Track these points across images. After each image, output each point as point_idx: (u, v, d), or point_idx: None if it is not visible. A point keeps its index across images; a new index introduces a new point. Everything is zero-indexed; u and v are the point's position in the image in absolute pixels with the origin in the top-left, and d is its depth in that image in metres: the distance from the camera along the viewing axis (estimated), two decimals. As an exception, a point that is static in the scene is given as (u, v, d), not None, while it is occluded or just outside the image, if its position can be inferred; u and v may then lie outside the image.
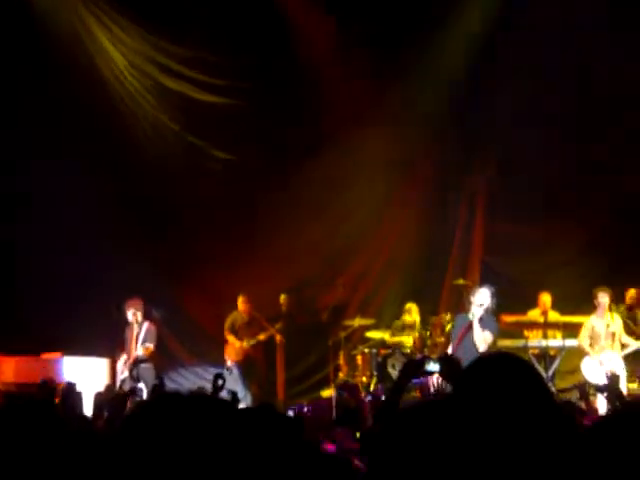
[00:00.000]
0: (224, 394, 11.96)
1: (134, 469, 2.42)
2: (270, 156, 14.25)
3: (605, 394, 7.44)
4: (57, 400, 7.63)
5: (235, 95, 14.16)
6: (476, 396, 2.35)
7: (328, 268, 14.90)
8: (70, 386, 6.18)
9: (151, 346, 11.99)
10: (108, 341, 12.42)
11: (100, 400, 8.06)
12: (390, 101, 14.35)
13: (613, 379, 9.77)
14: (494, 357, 2.52)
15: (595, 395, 10.15)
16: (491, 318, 9.57)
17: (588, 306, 12.19)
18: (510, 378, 2.36)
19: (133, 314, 12.05)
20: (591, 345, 11.77)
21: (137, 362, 11.86)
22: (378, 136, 14.34)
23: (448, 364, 4.12)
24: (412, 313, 13.28)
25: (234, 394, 6.70)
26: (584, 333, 11.87)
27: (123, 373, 11.93)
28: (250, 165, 14.27)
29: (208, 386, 7.64)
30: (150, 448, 2.43)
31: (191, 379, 13.94)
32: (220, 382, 6.42)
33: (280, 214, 14.50)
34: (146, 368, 11.91)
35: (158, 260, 14.18)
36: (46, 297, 13.15)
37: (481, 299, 9.48)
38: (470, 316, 9.51)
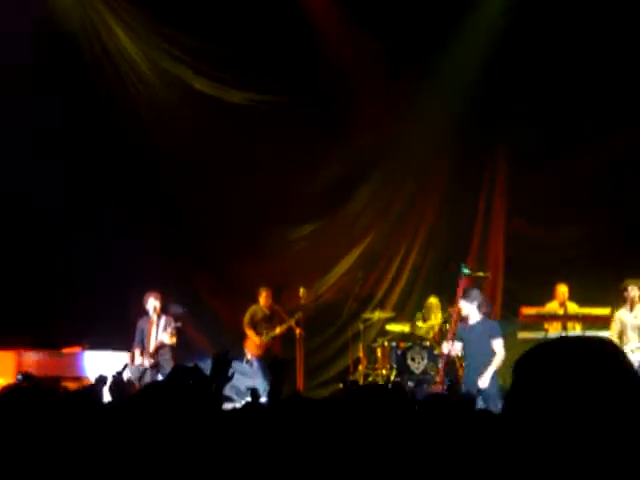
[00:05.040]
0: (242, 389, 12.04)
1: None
2: (293, 152, 14.24)
3: None
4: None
5: (266, 93, 14.22)
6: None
7: (348, 261, 14.93)
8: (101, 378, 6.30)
9: (174, 332, 12.06)
10: (128, 335, 12.48)
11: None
12: (407, 102, 14.37)
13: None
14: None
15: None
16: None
17: (602, 298, 12.21)
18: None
19: (153, 306, 12.11)
20: (620, 338, 11.71)
21: (158, 351, 11.94)
22: (398, 133, 14.40)
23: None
24: (433, 308, 13.28)
25: (254, 390, 6.69)
26: (615, 327, 11.79)
27: (143, 364, 11.98)
28: (271, 160, 14.28)
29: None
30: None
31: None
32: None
33: (300, 208, 14.58)
34: (166, 359, 12.00)
35: (177, 253, 14.27)
36: (66, 292, 13.24)
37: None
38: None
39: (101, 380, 6.04)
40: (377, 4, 13.79)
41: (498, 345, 10.04)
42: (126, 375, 10.49)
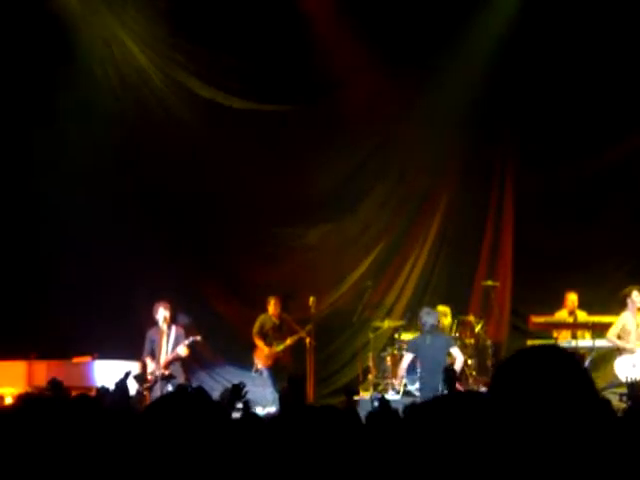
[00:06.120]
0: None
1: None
2: (302, 157, 14.28)
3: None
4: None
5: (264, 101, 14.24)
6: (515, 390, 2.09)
7: (359, 269, 14.91)
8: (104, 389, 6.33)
9: (191, 344, 12.15)
10: (138, 344, 12.50)
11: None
12: (416, 103, 14.34)
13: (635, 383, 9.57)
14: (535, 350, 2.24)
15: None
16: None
17: (610, 306, 12.21)
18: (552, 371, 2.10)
19: (163, 316, 12.11)
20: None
21: (169, 364, 11.99)
22: (405, 138, 14.39)
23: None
24: (446, 316, 13.22)
25: (246, 403, 6.71)
26: (614, 330, 11.81)
27: (154, 374, 11.99)
28: (280, 166, 14.31)
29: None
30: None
31: (221, 382, 13.94)
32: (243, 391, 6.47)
33: (308, 215, 14.60)
34: (176, 369, 12.04)
35: (187, 261, 14.29)
36: (77, 301, 13.26)
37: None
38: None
39: (104, 392, 6.08)
40: (381, 7, 13.78)
41: None
42: (133, 385, 10.55)
